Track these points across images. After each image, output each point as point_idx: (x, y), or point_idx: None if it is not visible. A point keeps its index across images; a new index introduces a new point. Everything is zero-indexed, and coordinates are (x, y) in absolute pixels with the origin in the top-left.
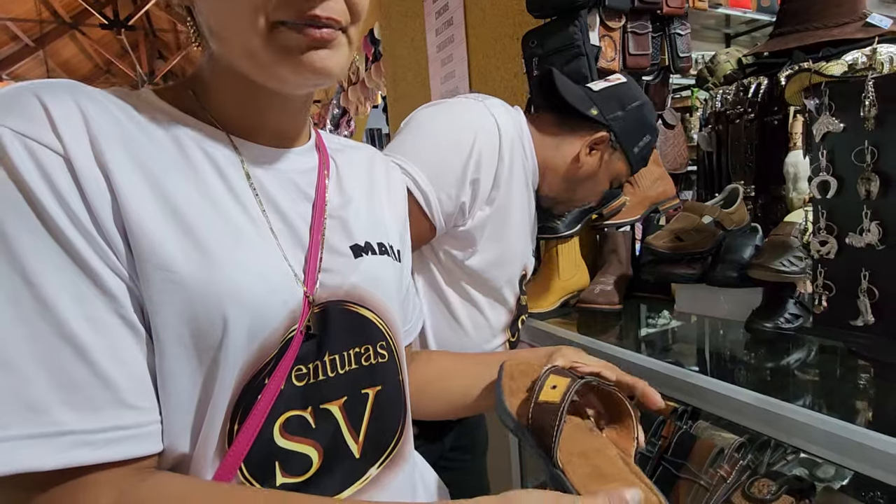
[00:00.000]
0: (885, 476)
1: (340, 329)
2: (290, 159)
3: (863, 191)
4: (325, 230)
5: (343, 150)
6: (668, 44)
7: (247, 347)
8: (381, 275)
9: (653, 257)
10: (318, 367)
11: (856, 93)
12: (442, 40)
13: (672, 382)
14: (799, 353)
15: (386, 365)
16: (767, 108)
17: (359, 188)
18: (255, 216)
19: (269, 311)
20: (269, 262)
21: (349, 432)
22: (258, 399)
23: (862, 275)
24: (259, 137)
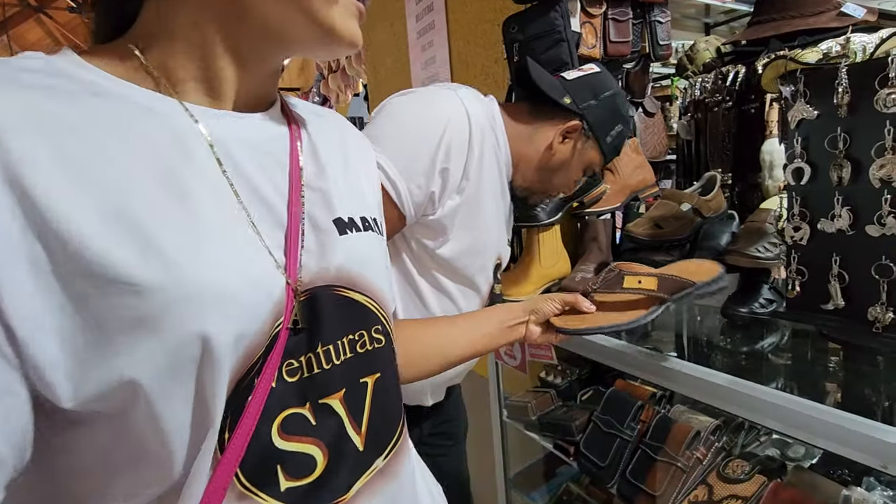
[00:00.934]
0: (852, 453)
1: (332, 317)
2: (258, 125)
3: (835, 177)
4: (303, 203)
5: (311, 116)
6: (649, 31)
7: (233, 354)
8: (369, 253)
9: (633, 245)
10: (310, 359)
11: (829, 80)
12: (422, 26)
13: (650, 367)
14: (772, 337)
15: (383, 350)
16: (745, 97)
17: (333, 157)
18: (224, 194)
19: (253, 310)
20: (245, 251)
21: (351, 425)
22: (248, 402)
23: (833, 260)
24: (222, 102)
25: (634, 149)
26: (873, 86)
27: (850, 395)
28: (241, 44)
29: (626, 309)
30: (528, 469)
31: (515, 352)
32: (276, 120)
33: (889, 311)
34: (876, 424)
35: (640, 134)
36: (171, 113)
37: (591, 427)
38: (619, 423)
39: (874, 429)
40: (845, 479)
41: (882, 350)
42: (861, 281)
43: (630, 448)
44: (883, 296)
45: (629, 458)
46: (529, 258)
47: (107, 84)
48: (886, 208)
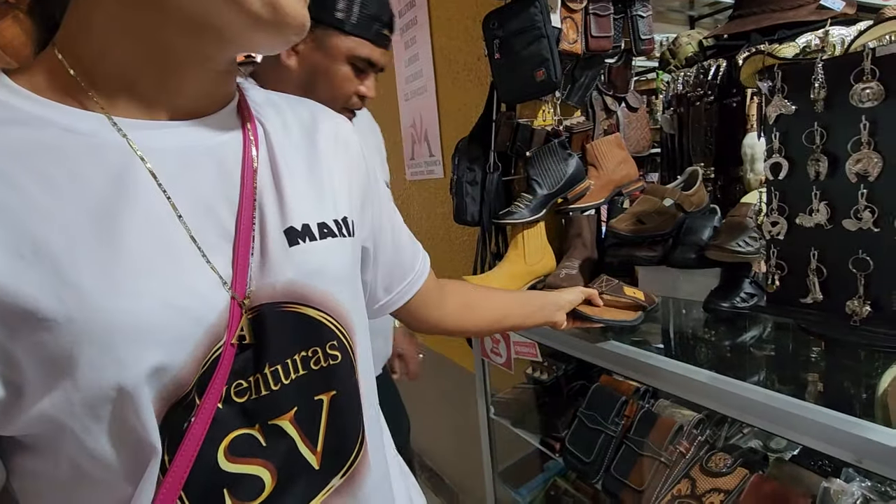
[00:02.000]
0: (829, 448)
1: (280, 335)
2: (204, 131)
3: (812, 172)
4: (255, 215)
5: (275, 110)
6: (630, 26)
7: (153, 386)
8: (325, 263)
9: (616, 240)
10: (258, 380)
11: (806, 75)
12: (405, 22)
13: (633, 364)
14: (754, 330)
15: (339, 366)
16: (726, 91)
17: (297, 155)
18: (158, 212)
19: (177, 338)
20: (175, 277)
21: (305, 445)
22: (191, 423)
23: (811, 254)
24: (156, 112)
25: (618, 144)
26: (849, 80)
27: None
28: (167, 44)
29: (622, 310)
30: (515, 464)
31: (501, 349)
32: (227, 122)
33: (866, 305)
34: (851, 419)
35: (623, 129)
36: (97, 131)
37: (576, 423)
38: (604, 419)
39: (849, 424)
40: (825, 469)
41: (859, 343)
42: (839, 275)
43: (614, 443)
44: (860, 289)
45: (614, 454)
46: (515, 255)
47: (27, 108)
48: (863, 203)
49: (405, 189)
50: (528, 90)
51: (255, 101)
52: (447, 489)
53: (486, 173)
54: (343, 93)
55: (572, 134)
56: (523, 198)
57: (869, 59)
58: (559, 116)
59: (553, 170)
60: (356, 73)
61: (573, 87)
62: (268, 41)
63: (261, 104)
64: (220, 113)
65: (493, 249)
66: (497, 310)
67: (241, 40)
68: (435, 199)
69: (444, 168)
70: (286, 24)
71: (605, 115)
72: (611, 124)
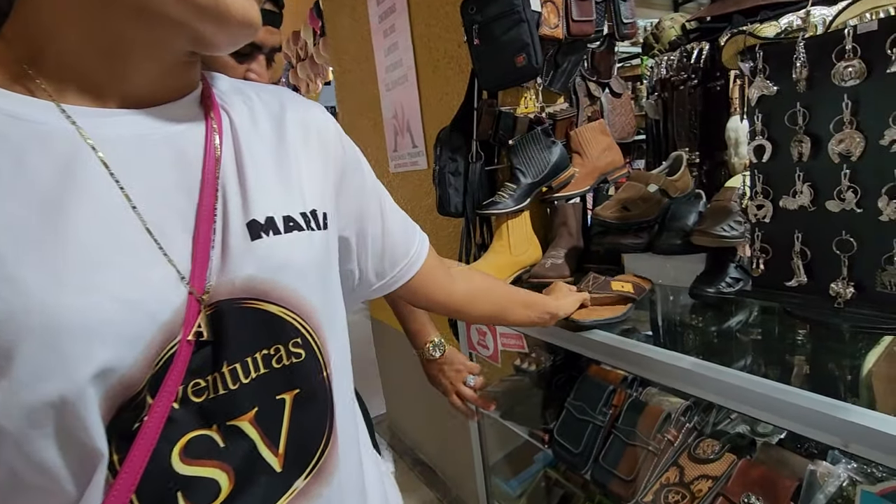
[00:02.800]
0: (815, 433)
1: (239, 332)
2: (159, 119)
3: (795, 153)
4: (217, 207)
5: (243, 98)
6: (613, 10)
7: (98, 387)
8: (289, 258)
9: (602, 228)
10: (216, 379)
11: (788, 55)
12: (383, 10)
13: (619, 353)
14: (740, 315)
15: (303, 364)
16: (710, 74)
17: (263, 146)
18: (111, 203)
19: (127, 336)
20: (128, 271)
21: (266, 446)
22: (143, 423)
23: (795, 236)
24: (109, 100)
25: (602, 131)
26: (830, 59)
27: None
28: (115, 31)
29: (612, 305)
30: (506, 456)
31: (488, 342)
32: (189, 110)
33: (850, 286)
34: (837, 404)
35: (607, 115)
36: (45, 119)
37: (564, 414)
38: (592, 409)
39: (835, 408)
40: (812, 452)
41: (843, 325)
42: (822, 257)
43: (602, 434)
44: (844, 271)
45: (602, 444)
46: (500, 246)
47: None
48: (846, 183)
49: (389, 182)
50: (509, 77)
51: (221, 89)
52: (440, 482)
53: (468, 163)
54: None
55: (556, 121)
56: (507, 187)
57: (850, 36)
58: (542, 103)
59: (537, 158)
60: (239, 58)
61: (555, 73)
62: (213, 36)
63: (227, 93)
64: (179, 102)
65: (478, 241)
66: (501, 304)
67: (188, 31)
68: (420, 191)
69: (428, 159)
70: (228, 17)
71: (589, 102)
72: (595, 111)
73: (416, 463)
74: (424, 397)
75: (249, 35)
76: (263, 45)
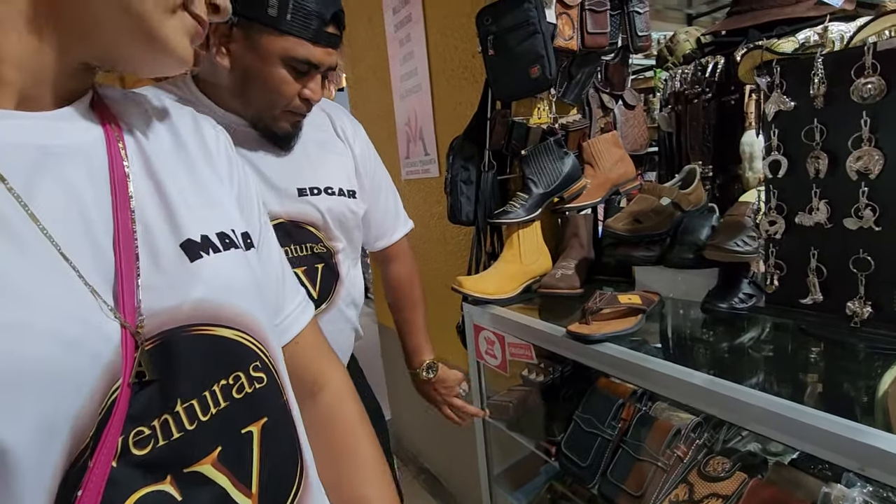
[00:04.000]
0: (830, 455)
1: (192, 364)
2: (62, 127)
3: (812, 170)
4: (135, 227)
5: (129, 105)
6: (627, 22)
7: (42, 449)
8: (234, 276)
9: (613, 240)
10: (167, 422)
11: (806, 70)
12: (399, 19)
13: (629, 367)
14: (753, 331)
15: (266, 389)
16: (724, 88)
17: (172, 159)
18: (15, 224)
19: (71, 381)
20: (56, 303)
21: (235, 487)
22: (79, 496)
23: (811, 253)
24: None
25: (614, 142)
26: (849, 75)
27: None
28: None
29: (621, 318)
30: (511, 467)
31: (496, 351)
32: (83, 119)
33: (867, 305)
34: (853, 425)
35: (620, 127)
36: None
37: (572, 426)
38: (600, 422)
39: (851, 430)
40: (826, 474)
41: (860, 345)
42: (839, 275)
43: (611, 447)
44: (861, 290)
45: (610, 458)
46: (510, 256)
47: None
48: (864, 201)
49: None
50: (522, 87)
51: (113, 98)
52: (444, 491)
53: (480, 172)
54: (281, 97)
55: (568, 132)
56: (519, 197)
57: (870, 53)
58: (555, 114)
59: (549, 168)
60: (296, 75)
61: (569, 84)
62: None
63: (118, 101)
64: (71, 107)
65: (488, 249)
66: None
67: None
68: (430, 199)
69: (440, 167)
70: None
71: (602, 113)
72: (607, 122)
73: (420, 471)
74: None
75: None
76: (321, 65)
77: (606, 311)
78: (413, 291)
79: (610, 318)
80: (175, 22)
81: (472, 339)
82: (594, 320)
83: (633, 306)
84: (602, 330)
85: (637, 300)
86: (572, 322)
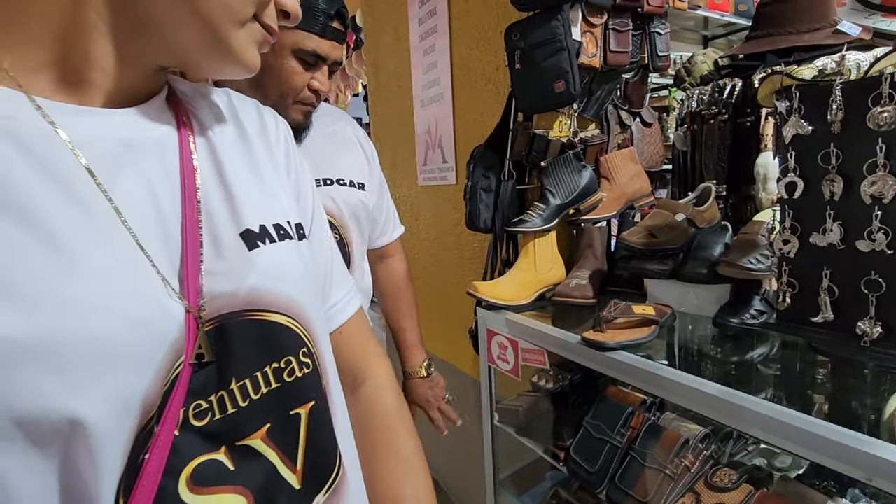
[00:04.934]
0: (838, 465)
1: (247, 346)
2: (140, 122)
3: (827, 192)
4: (201, 216)
5: (199, 99)
6: (648, 42)
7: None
8: (287, 266)
9: (627, 253)
10: (223, 398)
11: (824, 97)
12: (425, 30)
13: (639, 374)
14: (762, 348)
15: (311, 375)
16: (740, 110)
17: (234, 151)
18: (98, 211)
19: (144, 357)
20: (129, 285)
21: (284, 464)
22: (146, 459)
23: (823, 273)
24: (88, 97)
25: (631, 158)
26: (866, 103)
27: (838, 408)
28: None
29: (636, 328)
30: (517, 472)
31: (509, 356)
32: (159, 114)
33: (877, 326)
34: (862, 437)
35: (637, 143)
36: (15, 112)
37: (581, 432)
38: (610, 429)
39: (860, 441)
40: (831, 490)
41: (869, 364)
42: (850, 295)
43: (620, 454)
44: (871, 310)
45: (618, 464)
46: (526, 264)
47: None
48: (877, 224)
49: (416, 194)
50: (546, 101)
51: (185, 92)
52: (445, 497)
53: (500, 181)
54: (292, 87)
55: (587, 146)
56: (536, 207)
57: (887, 83)
58: (575, 128)
59: (567, 180)
60: (305, 66)
61: (590, 100)
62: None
63: (189, 95)
64: (147, 104)
65: (503, 257)
66: None
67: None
68: (446, 206)
69: (457, 175)
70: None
71: (620, 129)
72: (625, 138)
73: None
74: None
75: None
76: (328, 57)
77: (621, 320)
78: (410, 288)
79: (624, 328)
80: (244, 33)
81: (485, 343)
82: (609, 329)
83: (647, 317)
84: (617, 338)
85: (651, 311)
86: (585, 330)
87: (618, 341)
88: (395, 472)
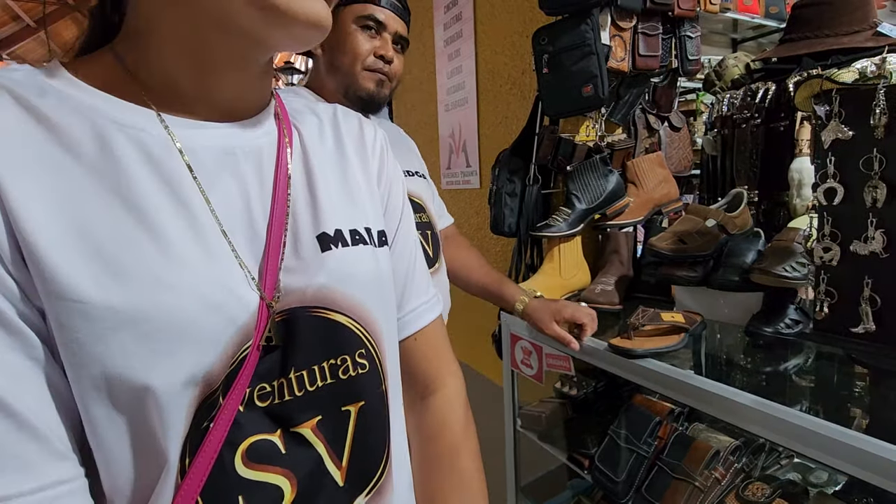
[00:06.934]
0: (880, 480)
1: (309, 340)
2: (243, 133)
3: (869, 199)
4: (287, 219)
5: (313, 117)
6: (679, 46)
7: (186, 388)
8: (355, 270)
9: (655, 259)
10: (283, 385)
11: (866, 101)
12: (450, 35)
13: (670, 383)
14: (797, 358)
15: (367, 376)
16: (774, 114)
17: (330, 162)
18: (195, 208)
19: (212, 337)
20: (211, 273)
21: (330, 457)
22: (211, 427)
23: (865, 282)
24: (203, 110)
25: (659, 163)
26: None
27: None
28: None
29: (665, 336)
30: (539, 479)
31: (532, 361)
32: (264, 125)
33: None
34: None
35: (665, 148)
36: (144, 125)
37: (607, 440)
38: (637, 439)
39: None
40: None
41: None
42: (894, 304)
43: (646, 464)
44: None
45: (645, 475)
46: (551, 269)
47: (81, 97)
48: None
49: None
50: (574, 105)
51: (293, 107)
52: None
53: (525, 185)
54: (358, 54)
55: (614, 150)
56: (562, 212)
57: None
58: (602, 132)
59: (593, 185)
60: (368, 35)
61: (617, 104)
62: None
63: (299, 111)
64: (257, 117)
65: (527, 261)
66: None
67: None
68: (469, 209)
69: (481, 179)
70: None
71: (648, 134)
72: (653, 143)
73: None
74: None
75: (319, 37)
76: (386, 23)
77: (649, 327)
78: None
79: (652, 335)
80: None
81: (509, 348)
82: (637, 336)
83: (676, 324)
84: (645, 346)
85: (680, 319)
86: (611, 336)
87: (646, 349)
88: (452, 491)
